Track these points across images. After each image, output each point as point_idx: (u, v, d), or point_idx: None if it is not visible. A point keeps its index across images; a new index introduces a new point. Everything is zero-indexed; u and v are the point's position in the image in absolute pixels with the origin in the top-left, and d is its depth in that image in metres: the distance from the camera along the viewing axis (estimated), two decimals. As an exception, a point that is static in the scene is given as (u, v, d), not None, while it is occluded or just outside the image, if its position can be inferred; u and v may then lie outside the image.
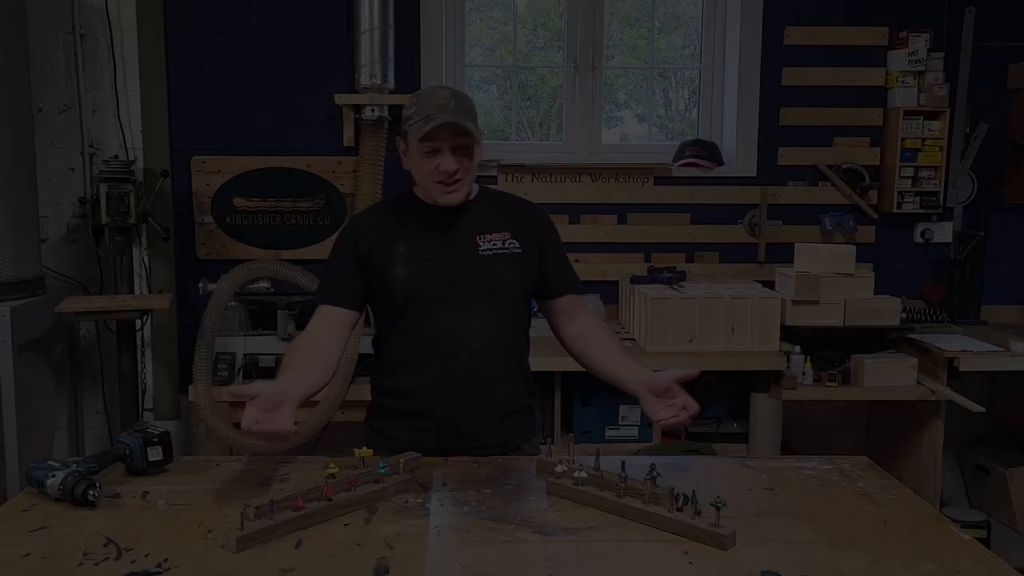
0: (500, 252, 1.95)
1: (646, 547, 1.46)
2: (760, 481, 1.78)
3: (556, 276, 2.04)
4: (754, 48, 3.54)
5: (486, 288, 1.93)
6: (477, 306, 1.92)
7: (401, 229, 1.96)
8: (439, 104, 1.84)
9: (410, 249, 1.93)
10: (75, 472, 1.62)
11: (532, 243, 1.99)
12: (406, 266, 1.92)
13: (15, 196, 2.99)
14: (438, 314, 1.92)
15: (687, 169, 3.58)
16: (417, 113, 1.85)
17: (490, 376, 1.95)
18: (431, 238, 1.95)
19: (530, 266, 1.98)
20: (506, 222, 1.98)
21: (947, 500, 3.74)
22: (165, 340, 3.47)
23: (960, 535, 1.52)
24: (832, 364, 3.21)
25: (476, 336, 1.92)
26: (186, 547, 1.44)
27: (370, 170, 3.34)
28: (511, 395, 2.00)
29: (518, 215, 2.02)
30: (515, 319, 1.99)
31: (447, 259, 1.93)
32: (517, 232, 1.98)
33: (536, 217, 2.05)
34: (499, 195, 2.09)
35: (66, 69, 3.38)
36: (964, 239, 3.64)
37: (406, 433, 1.96)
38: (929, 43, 3.48)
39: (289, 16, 3.41)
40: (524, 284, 1.98)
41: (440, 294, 1.91)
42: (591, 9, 3.62)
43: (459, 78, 3.62)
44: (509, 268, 1.95)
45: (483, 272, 1.93)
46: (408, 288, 1.91)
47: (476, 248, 1.94)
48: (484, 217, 1.98)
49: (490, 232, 1.96)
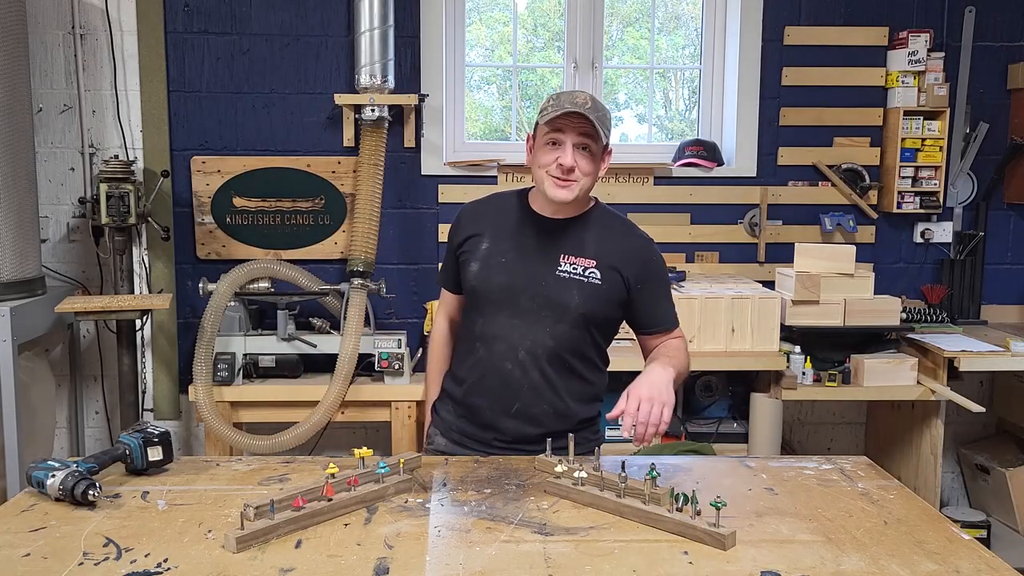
0: (576, 278, 1.93)
1: (646, 547, 1.46)
2: (760, 481, 1.78)
3: (649, 314, 2.00)
4: (754, 48, 3.54)
5: (547, 307, 1.93)
6: (533, 321, 1.93)
7: (496, 226, 1.99)
8: (576, 101, 1.85)
9: (493, 248, 1.97)
10: (75, 472, 1.62)
11: (617, 277, 1.95)
12: (481, 263, 1.96)
13: (15, 196, 2.99)
14: (496, 318, 1.95)
15: (687, 169, 3.58)
16: (553, 105, 1.87)
17: (532, 391, 1.95)
18: (518, 243, 1.97)
19: (606, 300, 1.95)
20: (598, 250, 1.95)
21: (947, 500, 3.75)
22: (165, 340, 3.48)
23: (960, 535, 1.52)
24: (832, 364, 3.21)
25: (525, 350, 1.93)
26: (186, 547, 1.44)
27: (370, 170, 3.33)
28: (552, 416, 1.97)
29: (614, 245, 1.97)
30: (572, 345, 1.95)
31: (522, 268, 1.94)
32: (604, 263, 1.94)
33: (635, 252, 1.99)
34: (611, 219, 2.02)
35: (66, 69, 3.38)
36: (964, 239, 3.64)
37: (454, 417, 2.04)
38: (929, 43, 3.48)
39: (289, 16, 3.42)
40: (590, 314, 1.94)
41: (502, 299, 1.94)
42: (591, 9, 3.62)
43: (459, 78, 3.62)
44: (578, 295, 1.92)
45: (550, 291, 1.93)
46: (476, 284, 1.97)
47: (556, 267, 1.94)
48: (579, 239, 1.96)
49: (577, 256, 1.95)
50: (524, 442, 1.96)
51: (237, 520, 1.47)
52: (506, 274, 1.94)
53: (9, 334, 2.87)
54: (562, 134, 1.86)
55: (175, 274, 3.46)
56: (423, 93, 3.44)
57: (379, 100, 3.27)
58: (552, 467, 1.71)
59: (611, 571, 1.37)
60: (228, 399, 3.11)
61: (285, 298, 3.21)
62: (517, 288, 1.93)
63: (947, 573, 1.38)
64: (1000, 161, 3.63)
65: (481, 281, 1.96)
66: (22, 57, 3.04)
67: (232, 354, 3.13)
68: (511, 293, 1.93)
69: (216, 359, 3.10)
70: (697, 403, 3.32)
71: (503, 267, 1.95)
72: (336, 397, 3.08)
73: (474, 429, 2.01)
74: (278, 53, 3.43)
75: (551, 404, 1.97)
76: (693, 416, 3.32)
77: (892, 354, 3.25)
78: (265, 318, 3.40)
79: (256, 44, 3.42)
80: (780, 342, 3.13)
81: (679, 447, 3.10)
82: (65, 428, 3.53)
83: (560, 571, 1.37)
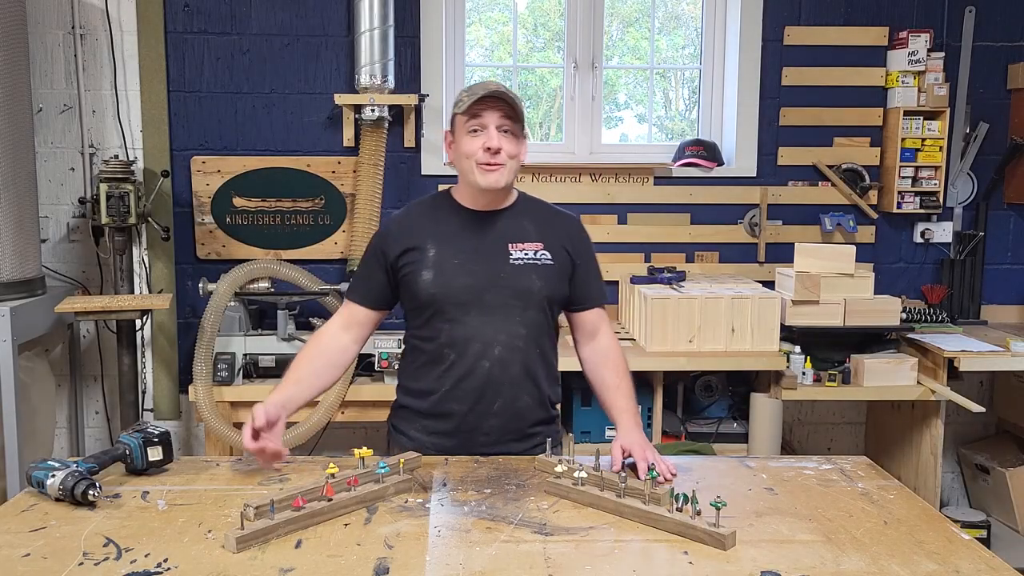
0: (530, 262, 1.94)
1: (646, 547, 1.46)
2: (760, 481, 1.78)
3: (583, 290, 2.04)
4: (754, 48, 3.54)
5: (513, 297, 1.93)
6: (503, 314, 1.93)
7: (434, 232, 1.96)
8: (489, 88, 1.87)
9: (441, 253, 1.94)
10: (75, 472, 1.62)
11: (564, 255, 1.99)
12: (435, 270, 1.92)
13: (15, 196, 2.99)
14: (464, 320, 1.92)
15: (687, 169, 3.58)
16: (468, 96, 1.88)
17: (512, 385, 1.95)
18: (463, 243, 1.95)
19: (560, 278, 1.98)
20: (540, 232, 1.98)
21: (947, 500, 3.75)
22: (165, 340, 3.48)
23: (960, 535, 1.52)
24: (832, 364, 3.21)
25: (500, 344, 1.93)
26: (186, 547, 1.44)
27: (370, 170, 3.34)
28: (534, 405, 1.99)
29: (553, 226, 2.01)
30: (541, 329, 1.98)
31: (477, 266, 1.93)
32: (550, 243, 1.98)
33: (570, 227, 2.04)
34: (537, 203, 2.07)
35: (66, 69, 3.38)
36: (964, 239, 3.64)
37: (424, 434, 1.99)
38: (929, 43, 3.48)
39: (289, 16, 3.42)
40: (552, 296, 1.97)
41: (467, 300, 1.92)
42: (591, 9, 3.62)
43: (459, 78, 3.62)
44: (538, 279, 1.94)
45: (511, 281, 1.93)
46: (436, 292, 1.92)
47: (507, 256, 1.94)
48: (519, 225, 1.98)
49: (523, 241, 1.96)
50: (512, 439, 1.97)
51: (237, 520, 1.48)
52: (465, 274, 1.92)
53: (9, 334, 2.87)
54: (482, 119, 1.87)
55: (175, 274, 3.46)
56: (423, 93, 3.44)
57: (379, 100, 3.27)
58: (552, 467, 1.71)
59: (611, 571, 1.38)
60: (228, 399, 3.10)
61: (285, 298, 3.21)
62: (479, 285, 1.92)
63: (947, 573, 1.38)
64: (1000, 161, 3.62)
65: (441, 286, 1.91)
66: (22, 57, 3.04)
67: (232, 354, 3.13)
68: (475, 292, 1.92)
69: (216, 359, 3.10)
70: (697, 403, 3.32)
71: (459, 268, 1.92)
72: (336, 397, 3.08)
73: (452, 441, 1.96)
74: (278, 53, 3.43)
75: (531, 394, 1.98)
76: (693, 416, 3.32)
77: (892, 354, 3.25)
78: (265, 318, 3.40)
79: (256, 44, 3.42)
80: (780, 342, 3.13)
81: (679, 447, 3.11)
82: (65, 428, 3.53)
83: (560, 571, 1.37)
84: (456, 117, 1.91)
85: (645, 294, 3.16)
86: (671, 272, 3.35)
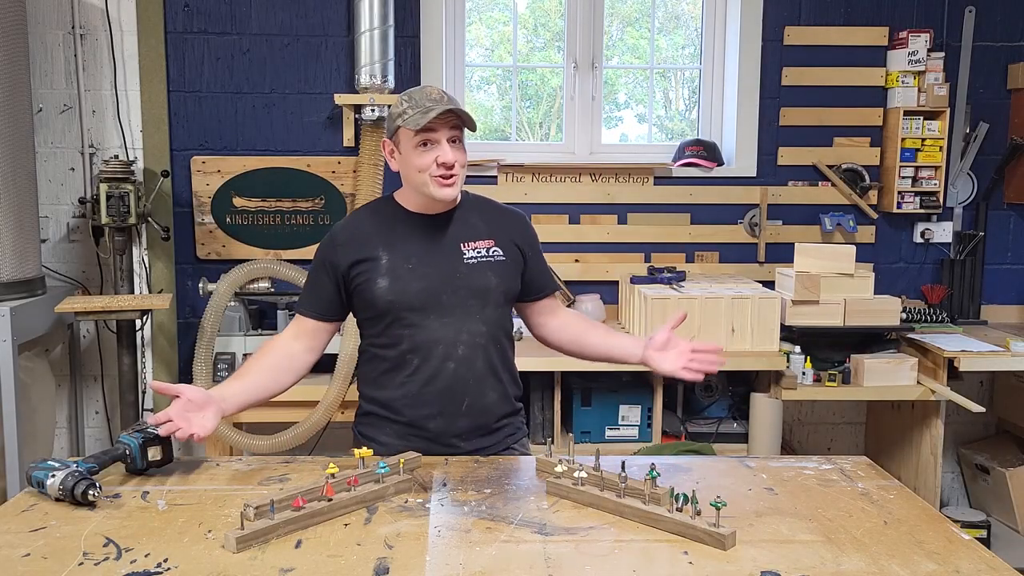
0: (484, 260, 1.96)
1: (646, 547, 1.46)
2: (760, 481, 1.78)
3: (537, 280, 2.08)
4: (754, 48, 3.54)
5: (471, 296, 1.94)
6: (462, 314, 1.93)
7: (384, 238, 1.95)
8: (433, 98, 1.85)
9: (394, 259, 1.92)
10: (75, 472, 1.62)
11: (514, 250, 2.01)
12: (389, 277, 1.91)
13: (15, 196, 2.99)
14: (424, 323, 1.92)
15: (687, 169, 3.58)
16: (412, 107, 1.85)
17: (478, 383, 1.95)
18: (415, 246, 1.94)
19: (513, 273, 2.01)
20: (489, 229, 2.00)
21: (947, 500, 3.75)
22: (165, 340, 3.48)
23: (960, 535, 1.52)
24: (832, 364, 3.21)
25: (463, 344, 1.93)
26: (186, 547, 1.44)
27: (370, 170, 3.34)
28: (499, 399, 2.01)
29: (500, 222, 2.03)
30: (500, 325, 2.00)
31: (432, 268, 1.93)
32: (500, 239, 1.99)
33: (517, 223, 2.07)
34: (481, 201, 2.08)
35: (66, 69, 3.38)
36: (964, 239, 3.64)
37: (394, 439, 1.98)
38: (929, 43, 3.48)
39: (289, 16, 3.42)
40: (507, 291, 2.00)
41: (424, 304, 1.91)
42: (591, 9, 3.62)
43: (459, 78, 3.62)
44: (493, 276, 1.96)
45: (468, 280, 1.93)
46: (392, 299, 1.91)
47: (461, 256, 1.95)
48: (468, 224, 1.99)
49: (475, 240, 1.97)
50: (480, 434, 1.98)
51: (237, 520, 1.48)
52: (419, 278, 1.91)
53: (9, 334, 2.87)
54: (434, 133, 1.85)
55: (175, 274, 3.46)
56: (423, 93, 3.44)
57: (379, 100, 3.27)
58: (552, 467, 1.71)
59: (611, 571, 1.37)
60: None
61: (285, 298, 3.21)
62: (435, 288, 1.92)
63: (947, 573, 1.38)
64: (1000, 161, 3.63)
65: (397, 293, 1.90)
66: (22, 57, 3.04)
67: (232, 354, 3.13)
68: (431, 295, 1.91)
69: (216, 359, 3.10)
70: (697, 403, 3.32)
71: (413, 273, 1.91)
72: (336, 397, 3.08)
73: (424, 444, 1.94)
74: (278, 53, 3.43)
75: (495, 389, 1.98)
76: (693, 416, 3.32)
77: (892, 354, 3.25)
78: (265, 318, 3.41)
79: (256, 44, 3.42)
80: (780, 342, 3.13)
81: (679, 447, 3.11)
82: (65, 428, 3.53)
83: (560, 571, 1.37)
84: (400, 129, 1.88)
85: (645, 294, 3.16)
86: (671, 272, 3.35)
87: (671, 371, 1.88)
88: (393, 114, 1.91)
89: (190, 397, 1.75)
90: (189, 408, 1.75)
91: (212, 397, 1.79)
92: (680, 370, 1.87)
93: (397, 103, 1.90)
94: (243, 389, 1.89)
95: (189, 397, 1.75)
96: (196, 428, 1.73)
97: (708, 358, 1.87)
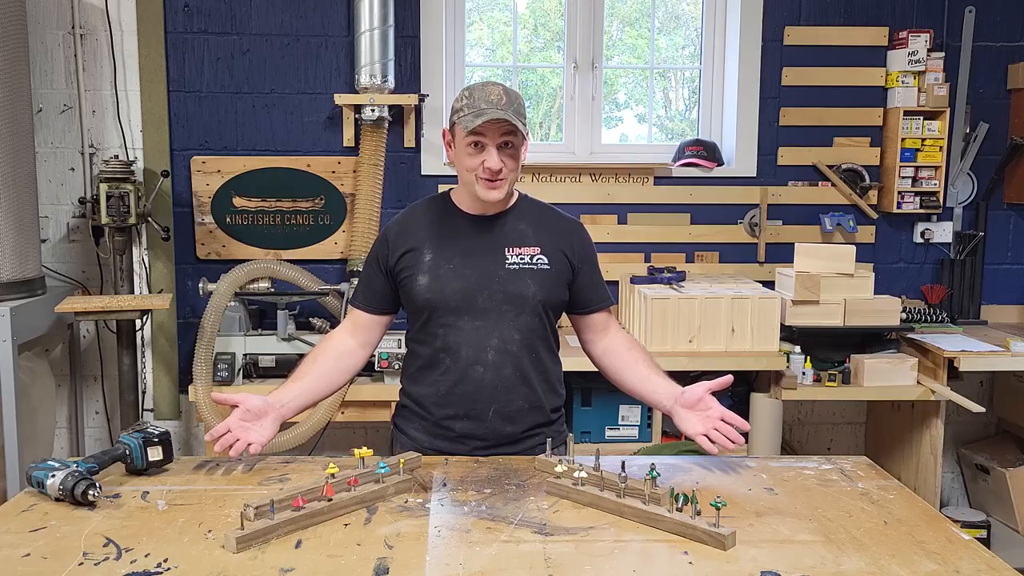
0: (526, 267, 1.93)
1: (646, 547, 1.46)
2: (760, 481, 1.78)
3: (588, 293, 2.03)
4: (754, 48, 3.54)
5: (506, 301, 1.92)
6: (497, 319, 1.92)
7: (432, 236, 1.96)
8: (491, 100, 1.84)
9: (437, 258, 1.93)
10: (75, 472, 1.62)
11: (562, 259, 1.97)
12: (430, 275, 1.92)
13: (15, 196, 2.99)
14: (458, 324, 1.92)
15: (687, 169, 3.58)
16: (468, 106, 1.84)
17: (506, 390, 1.94)
18: (460, 247, 1.94)
19: (557, 283, 1.97)
20: (537, 236, 1.97)
21: (947, 500, 3.75)
22: (165, 340, 3.48)
23: (960, 535, 1.52)
24: (832, 364, 3.21)
25: (493, 349, 1.92)
26: (186, 547, 1.44)
27: (370, 170, 3.34)
28: (530, 409, 1.97)
29: (552, 230, 2.00)
30: (536, 334, 1.97)
31: (472, 270, 1.92)
32: (548, 248, 1.96)
33: (571, 233, 2.02)
34: (538, 207, 2.04)
35: (66, 69, 3.38)
36: (964, 239, 3.64)
37: (424, 434, 1.99)
38: (929, 43, 3.48)
39: (289, 16, 3.42)
40: (547, 301, 1.95)
41: (460, 305, 1.91)
42: (591, 9, 3.62)
43: (459, 78, 3.62)
44: (533, 284, 1.93)
45: (506, 285, 1.92)
46: (430, 297, 1.92)
47: (503, 261, 1.93)
48: (517, 229, 1.97)
49: (520, 246, 1.95)
50: (506, 443, 1.96)
51: (237, 520, 1.47)
52: (458, 278, 1.91)
53: (9, 334, 2.87)
54: (484, 137, 1.84)
55: (175, 274, 3.46)
56: (423, 93, 3.45)
57: (379, 100, 3.27)
58: (552, 467, 1.71)
59: (611, 571, 1.37)
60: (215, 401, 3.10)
61: (285, 298, 3.21)
62: (472, 290, 1.91)
63: (947, 573, 1.38)
64: (1000, 161, 3.63)
65: (435, 292, 1.91)
66: (22, 57, 3.04)
67: (232, 354, 3.13)
68: (467, 296, 1.91)
69: (216, 359, 3.10)
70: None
71: (453, 272, 1.92)
72: (336, 397, 3.07)
73: (449, 443, 1.96)
74: (278, 53, 3.43)
75: (525, 398, 1.96)
76: (693, 416, 3.31)
77: (892, 354, 3.25)
78: (265, 318, 3.41)
79: (256, 44, 3.42)
80: (780, 342, 3.13)
81: (679, 447, 3.11)
82: (65, 428, 3.53)
83: (560, 571, 1.37)
84: (456, 125, 1.89)
85: (645, 294, 3.16)
86: (671, 272, 3.35)
87: (693, 434, 1.83)
88: (454, 107, 1.90)
89: (249, 407, 1.77)
90: (247, 418, 1.77)
91: (271, 404, 1.81)
92: (701, 436, 1.80)
93: (459, 96, 1.90)
94: (301, 392, 1.91)
95: (248, 407, 1.77)
96: (253, 438, 1.76)
97: (733, 434, 1.79)
